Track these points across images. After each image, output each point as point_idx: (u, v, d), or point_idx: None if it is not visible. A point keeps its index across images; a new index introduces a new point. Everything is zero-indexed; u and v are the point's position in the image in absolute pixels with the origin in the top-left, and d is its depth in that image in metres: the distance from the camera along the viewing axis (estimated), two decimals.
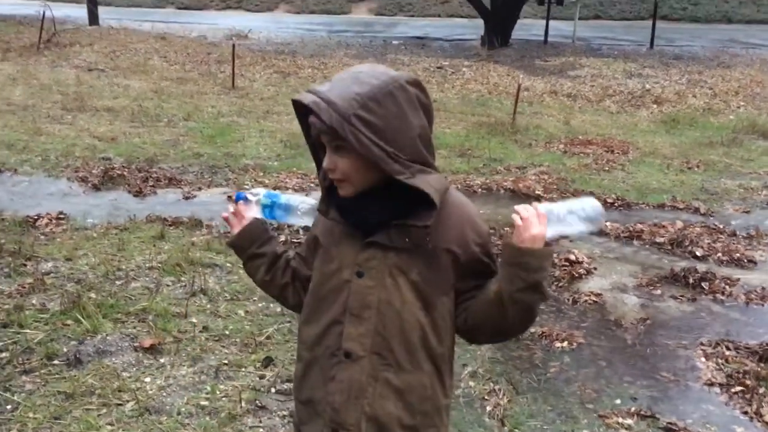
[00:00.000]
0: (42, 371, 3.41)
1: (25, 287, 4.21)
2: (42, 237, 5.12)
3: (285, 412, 3.19)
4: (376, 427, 1.61)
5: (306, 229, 3.04)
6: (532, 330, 4.10)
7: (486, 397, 3.40)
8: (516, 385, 3.53)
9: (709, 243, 5.55)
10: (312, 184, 6.59)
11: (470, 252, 1.63)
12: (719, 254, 5.34)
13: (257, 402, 3.26)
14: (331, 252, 1.65)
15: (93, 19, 17.82)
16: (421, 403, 1.63)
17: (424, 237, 1.57)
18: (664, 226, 5.94)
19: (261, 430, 3.08)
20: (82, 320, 3.83)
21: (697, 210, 6.52)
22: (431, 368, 1.64)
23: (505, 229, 4.93)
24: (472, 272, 1.64)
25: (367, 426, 1.60)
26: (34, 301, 4.07)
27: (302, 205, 1.80)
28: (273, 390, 3.36)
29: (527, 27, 19.15)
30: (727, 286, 4.78)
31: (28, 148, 7.49)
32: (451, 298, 1.65)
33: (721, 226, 6.02)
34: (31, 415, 3.08)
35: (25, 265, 4.55)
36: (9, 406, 3.15)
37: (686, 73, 14.08)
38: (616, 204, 6.63)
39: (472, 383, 3.52)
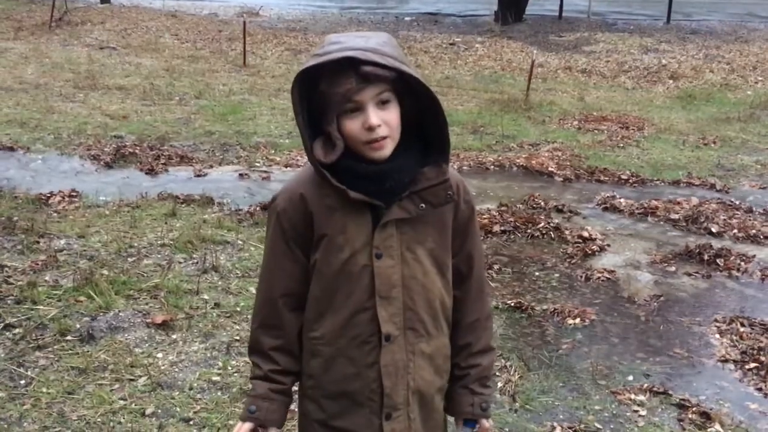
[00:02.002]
0: (55, 347, 3.44)
1: (38, 264, 4.24)
2: (55, 214, 5.14)
3: (295, 388, 3.19)
4: (419, 398, 1.64)
5: None
6: (545, 307, 4.08)
7: (497, 374, 3.39)
8: (527, 362, 3.52)
9: (724, 219, 5.48)
10: None
11: (461, 209, 1.66)
12: (735, 231, 5.27)
13: None
14: (337, 240, 1.57)
15: None
16: (445, 362, 1.71)
17: (445, 192, 1.59)
18: (679, 203, 5.87)
19: None
20: (95, 297, 3.86)
21: (713, 186, 6.44)
22: (447, 328, 1.70)
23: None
24: (455, 233, 1.67)
25: (412, 399, 1.63)
26: (47, 278, 4.10)
27: None
28: None
29: (541, 2, 18.85)
30: (742, 263, 4.73)
31: (41, 126, 7.50)
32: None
33: (737, 203, 5.95)
34: (44, 390, 3.11)
35: (38, 242, 4.57)
36: (23, 381, 3.18)
37: (703, 47, 13.84)
38: (630, 180, 6.56)
39: None
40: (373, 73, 1.45)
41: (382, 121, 1.49)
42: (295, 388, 1.73)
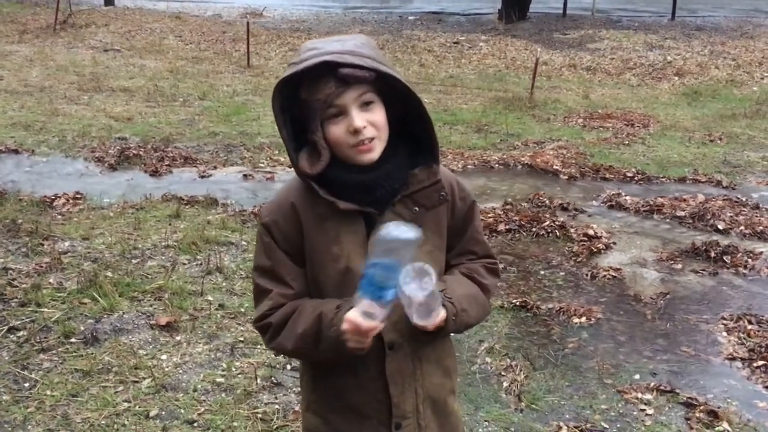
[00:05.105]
0: (59, 349, 3.44)
1: (42, 266, 4.24)
2: (59, 217, 5.14)
3: (300, 389, 3.18)
4: (431, 404, 1.62)
5: None
6: (550, 305, 4.06)
7: (503, 373, 3.37)
8: (533, 361, 3.49)
9: (731, 216, 5.44)
10: None
11: (458, 207, 1.64)
12: (741, 227, 5.24)
13: (273, 379, 3.26)
14: (331, 251, 1.53)
15: None
16: (453, 361, 1.70)
17: (437, 193, 1.57)
18: (685, 200, 5.84)
19: (276, 406, 3.08)
20: (99, 299, 3.85)
21: (719, 183, 6.40)
22: None
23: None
24: (453, 231, 1.65)
25: (424, 407, 1.60)
26: (51, 280, 4.10)
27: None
28: (288, 367, 3.36)
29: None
30: (749, 260, 4.69)
31: (45, 128, 7.52)
32: None
33: (744, 199, 5.91)
34: (48, 392, 3.11)
35: (42, 245, 4.57)
36: (27, 384, 3.17)
37: (709, 44, 13.77)
38: (636, 178, 6.53)
39: (488, 359, 3.49)
40: (352, 75, 1.42)
41: (367, 123, 1.46)
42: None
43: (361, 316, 1.40)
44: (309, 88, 1.45)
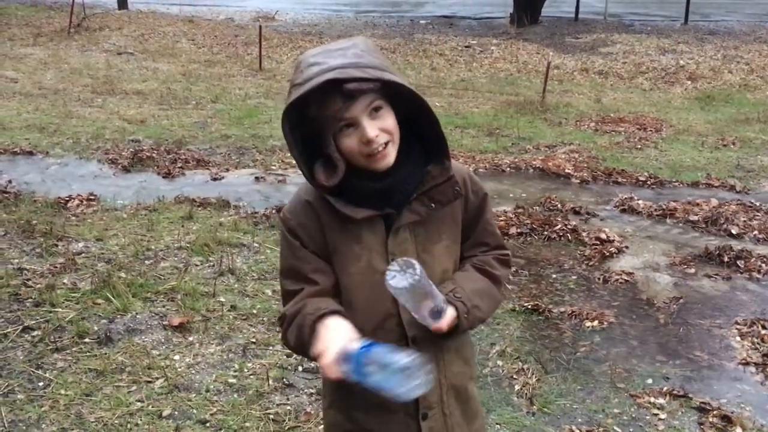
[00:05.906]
0: (73, 349, 3.46)
1: (56, 267, 4.27)
2: (73, 218, 5.18)
3: (312, 390, 3.19)
4: (454, 393, 1.66)
5: None
6: (562, 309, 4.05)
7: (514, 376, 3.37)
8: (545, 365, 3.48)
9: (744, 221, 5.41)
10: None
11: (471, 200, 1.67)
12: (755, 232, 5.21)
13: (284, 380, 3.27)
14: (354, 250, 1.57)
15: (122, 3, 17.87)
16: (471, 350, 1.75)
17: (452, 189, 1.59)
18: (698, 204, 5.81)
19: (288, 407, 3.09)
20: (113, 299, 3.88)
21: (732, 187, 6.37)
22: None
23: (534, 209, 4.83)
24: (466, 223, 1.68)
25: (447, 395, 1.65)
26: (65, 281, 4.13)
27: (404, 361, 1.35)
28: (300, 368, 3.37)
29: (557, 3, 18.75)
30: (763, 265, 4.66)
31: (60, 131, 7.57)
32: None
33: (758, 204, 5.87)
34: (62, 392, 3.13)
35: (56, 246, 4.61)
36: (41, 383, 3.20)
37: (722, 48, 13.70)
38: (648, 182, 6.50)
39: (500, 362, 3.48)
40: (358, 89, 1.43)
41: (378, 130, 1.48)
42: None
43: (335, 358, 1.41)
44: (317, 105, 1.47)
